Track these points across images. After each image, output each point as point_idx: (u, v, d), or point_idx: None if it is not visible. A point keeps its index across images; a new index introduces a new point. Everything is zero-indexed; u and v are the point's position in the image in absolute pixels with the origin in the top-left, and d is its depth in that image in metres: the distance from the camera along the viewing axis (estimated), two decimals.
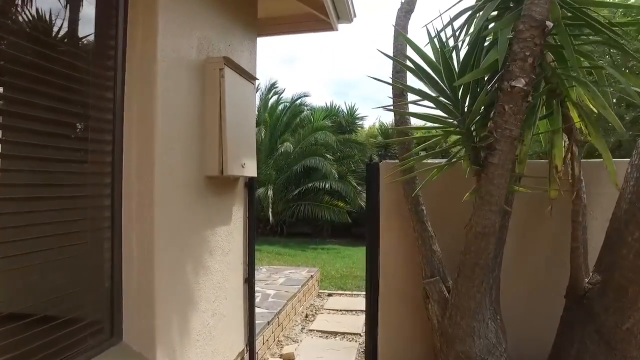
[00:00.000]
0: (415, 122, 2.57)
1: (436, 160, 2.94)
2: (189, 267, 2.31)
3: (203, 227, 2.49)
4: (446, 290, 2.26)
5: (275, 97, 14.11)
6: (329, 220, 11.87)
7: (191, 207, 2.34)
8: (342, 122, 13.95)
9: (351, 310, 5.25)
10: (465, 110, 2.03)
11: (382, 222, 2.84)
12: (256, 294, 4.87)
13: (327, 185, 11.70)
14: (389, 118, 14.57)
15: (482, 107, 1.92)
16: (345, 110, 14.36)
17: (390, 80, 2.51)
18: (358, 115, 14.37)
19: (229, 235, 2.85)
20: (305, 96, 13.95)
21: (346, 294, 6.16)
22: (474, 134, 2.03)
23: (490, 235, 1.84)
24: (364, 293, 6.31)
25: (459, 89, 2.01)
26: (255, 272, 6.24)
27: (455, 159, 2.17)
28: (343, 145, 12.78)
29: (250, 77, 2.95)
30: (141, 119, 1.99)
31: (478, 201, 1.84)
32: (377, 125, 14.35)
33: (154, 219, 1.96)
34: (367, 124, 14.98)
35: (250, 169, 2.87)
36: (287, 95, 14.30)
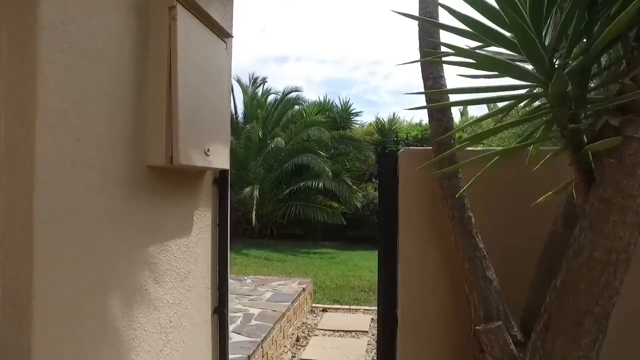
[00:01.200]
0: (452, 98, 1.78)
1: (478, 148, 2.16)
2: (113, 307, 1.49)
3: (143, 243, 1.67)
4: (512, 342, 1.47)
5: (264, 91, 13.28)
6: (322, 221, 11.07)
7: (120, 214, 1.52)
8: (336, 118, 13.15)
9: (350, 332, 4.46)
10: (557, 60, 1.24)
11: (401, 232, 2.05)
12: (238, 314, 4.07)
13: (320, 185, 10.89)
14: (384, 115, 13.82)
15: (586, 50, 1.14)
16: (339, 106, 13.58)
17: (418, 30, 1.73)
18: (353, 111, 13.59)
19: (189, 251, 2.03)
20: (296, 90, 13.12)
21: (343, 309, 5.37)
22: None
23: (620, 264, 1.06)
24: (364, 308, 5.53)
25: (546, 23, 1.23)
26: (239, 283, 5.41)
27: (535, 138, 1.38)
28: (337, 142, 11.97)
29: (221, 32, 2.13)
30: (13, 66, 1.17)
31: (598, 207, 1.06)
32: (375, 120, 13.58)
33: (32, 236, 1.14)
34: (360, 120, 14.22)
35: (219, 159, 2.05)
36: (278, 89, 13.47)
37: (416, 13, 1.76)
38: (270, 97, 13.27)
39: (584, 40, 1.21)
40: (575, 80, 1.26)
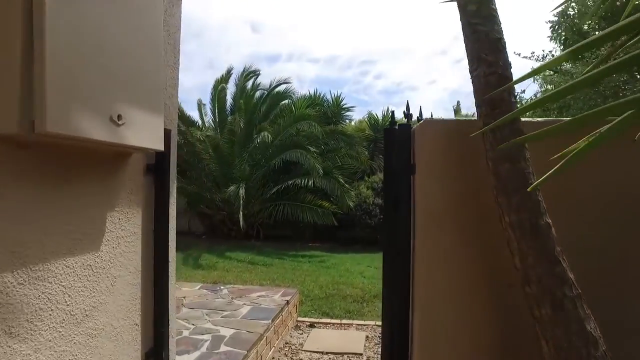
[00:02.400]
0: None
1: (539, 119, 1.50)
2: None
3: None
4: None
5: (254, 85, 12.56)
6: (312, 222, 10.35)
7: None
8: (327, 113, 12.45)
9: (342, 354, 3.78)
10: None
11: (419, 248, 1.37)
12: (205, 337, 3.36)
13: (309, 183, 10.17)
14: (378, 109, 13.17)
15: None
16: (330, 100, 12.88)
17: None
18: (345, 106, 12.90)
19: (96, 276, 1.33)
20: (285, 83, 12.32)
21: (333, 324, 4.68)
22: None
23: None
24: (357, 322, 4.83)
25: None
26: (213, 295, 4.68)
27: None
28: (328, 137, 11.26)
29: None
30: None
31: None
32: (368, 116, 12.92)
33: None
34: (352, 115, 13.55)
35: (147, 134, 1.35)
36: (265, 82, 12.71)
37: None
38: (258, 92, 12.52)
39: None
40: None
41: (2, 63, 0.95)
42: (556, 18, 7.62)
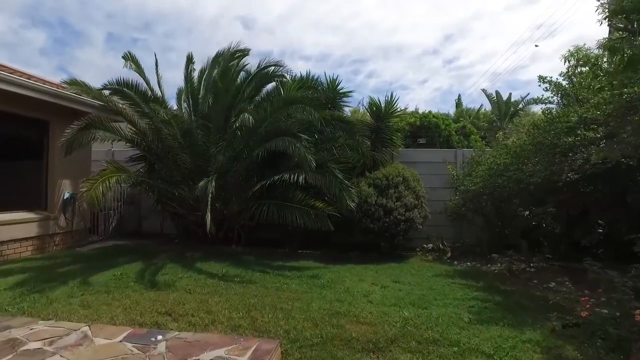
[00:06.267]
0: None
1: None
2: None
3: None
4: None
5: (236, 62, 10.71)
6: (302, 226, 8.56)
7: None
8: (322, 98, 10.64)
9: None
10: None
11: None
12: None
13: (300, 179, 8.39)
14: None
15: None
16: (325, 83, 11.09)
17: None
18: (341, 90, 11.11)
19: None
20: (277, 65, 10.46)
21: None
22: None
23: None
24: None
25: None
26: (142, 354, 2.67)
27: None
28: (324, 124, 9.49)
29: None
30: None
31: None
32: (370, 102, 11.15)
33: None
34: (350, 101, 11.79)
35: None
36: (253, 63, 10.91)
37: None
38: (243, 74, 10.69)
39: None
40: None
41: None
42: None
